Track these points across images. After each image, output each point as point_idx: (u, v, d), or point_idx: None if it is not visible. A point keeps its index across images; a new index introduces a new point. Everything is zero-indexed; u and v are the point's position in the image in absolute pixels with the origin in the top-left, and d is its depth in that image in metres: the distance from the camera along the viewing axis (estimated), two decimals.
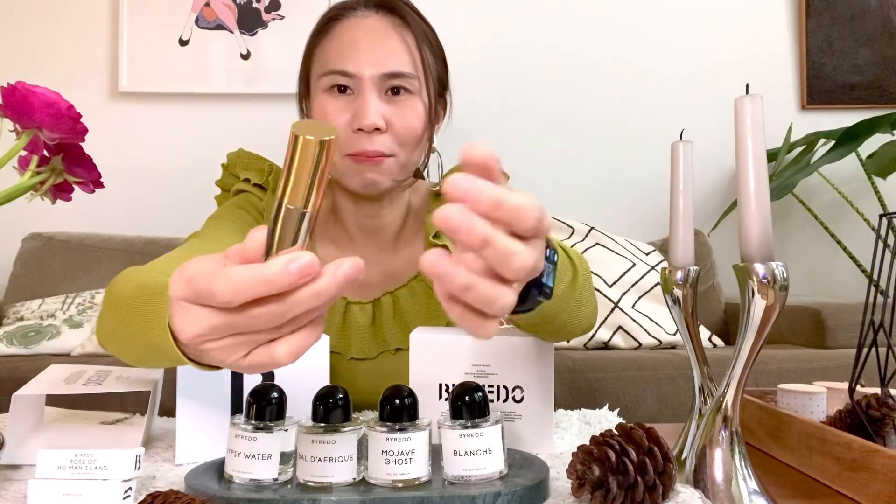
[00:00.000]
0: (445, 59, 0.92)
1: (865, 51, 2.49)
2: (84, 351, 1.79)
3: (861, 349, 0.63)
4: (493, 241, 0.38)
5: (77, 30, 2.41)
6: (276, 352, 0.41)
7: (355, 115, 0.82)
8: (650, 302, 1.99)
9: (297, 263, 0.37)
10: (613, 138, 2.49)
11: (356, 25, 0.85)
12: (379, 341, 0.91)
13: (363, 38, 0.84)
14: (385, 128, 0.83)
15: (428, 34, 0.89)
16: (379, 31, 0.85)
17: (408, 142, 0.85)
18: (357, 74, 0.82)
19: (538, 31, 2.50)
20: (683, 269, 0.68)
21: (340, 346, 0.90)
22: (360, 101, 0.82)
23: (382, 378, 0.89)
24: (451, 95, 0.95)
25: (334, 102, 0.84)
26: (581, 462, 0.53)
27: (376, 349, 0.91)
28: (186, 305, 0.40)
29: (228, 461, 0.56)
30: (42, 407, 0.77)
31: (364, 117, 0.81)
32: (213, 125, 2.42)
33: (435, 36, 0.90)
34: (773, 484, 0.64)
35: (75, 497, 0.51)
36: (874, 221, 2.30)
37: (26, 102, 0.59)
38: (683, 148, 0.68)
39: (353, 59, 0.83)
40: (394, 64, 0.83)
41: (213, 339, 0.40)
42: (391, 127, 0.83)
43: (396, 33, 0.85)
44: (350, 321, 0.91)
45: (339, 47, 0.84)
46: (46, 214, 2.21)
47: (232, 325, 0.39)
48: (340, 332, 0.91)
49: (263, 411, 0.56)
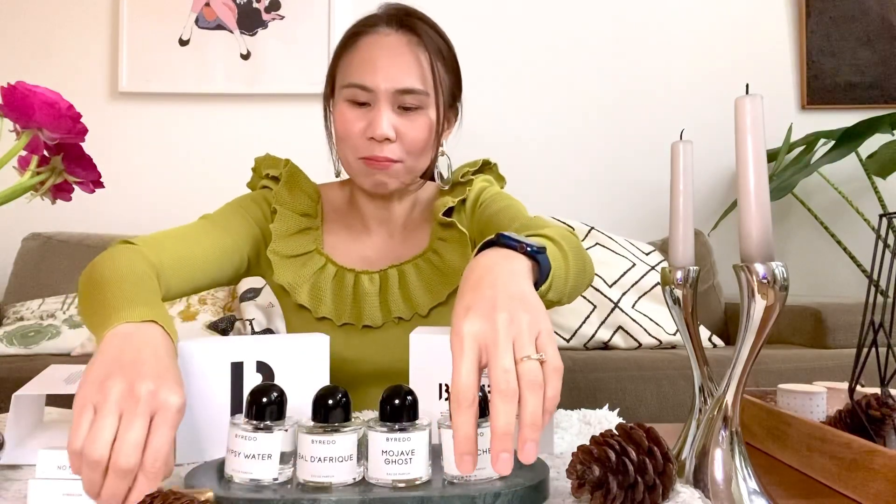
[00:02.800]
0: (459, 71, 1.00)
1: (865, 51, 2.50)
2: (84, 351, 1.79)
3: (861, 349, 0.63)
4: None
5: (77, 30, 2.42)
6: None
7: (370, 124, 0.91)
8: (650, 302, 1.99)
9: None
10: (614, 138, 2.50)
11: (376, 43, 0.93)
12: (385, 310, 0.97)
13: (381, 56, 0.92)
14: (395, 138, 0.92)
15: (442, 50, 0.97)
16: (396, 48, 0.93)
17: (415, 150, 0.94)
18: (374, 89, 0.91)
19: (538, 30, 2.51)
20: (683, 269, 0.68)
21: (354, 316, 0.97)
22: (374, 113, 0.92)
23: (387, 348, 0.96)
24: (461, 104, 1.03)
25: (353, 112, 0.93)
26: (581, 462, 0.53)
27: (382, 318, 0.97)
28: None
29: (228, 461, 0.56)
30: (42, 407, 0.77)
31: (376, 128, 0.90)
32: (213, 125, 2.42)
33: (450, 51, 0.98)
34: (773, 484, 0.64)
35: (75, 497, 0.51)
36: (874, 221, 2.31)
37: (26, 102, 0.59)
38: (683, 148, 0.68)
39: (371, 74, 0.91)
40: (407, 81, 0.91)
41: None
42: (401, 137, 0.92)
43: (411, 51, 0.93)
44: (360, 290, 0.98)
45: (361, 63, 0.93)
46: (46, 214, 2.21)
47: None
48: (353, 302, 0.98)
49: (263, 411, 0.56)
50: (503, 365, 0.48)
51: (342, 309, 0.96)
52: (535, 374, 0.48)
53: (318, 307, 0.96)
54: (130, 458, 0.50)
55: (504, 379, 0.47)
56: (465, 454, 0.46)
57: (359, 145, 0.93)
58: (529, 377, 0.47)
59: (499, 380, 0.47)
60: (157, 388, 0.53)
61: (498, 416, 0.46)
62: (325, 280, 0.98)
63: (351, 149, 0.93)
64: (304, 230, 1.00)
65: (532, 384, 0.47)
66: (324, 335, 0.72)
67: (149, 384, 0.53)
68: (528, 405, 0.47)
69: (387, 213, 1.02)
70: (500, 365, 0.48)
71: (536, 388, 0.47)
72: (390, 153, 0.92)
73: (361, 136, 0.92)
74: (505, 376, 0.47)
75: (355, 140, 0.92)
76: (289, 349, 0.69)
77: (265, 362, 0.68)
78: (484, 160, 1.07)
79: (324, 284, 0.98)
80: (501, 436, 0.46)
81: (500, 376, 0.47)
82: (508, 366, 0.48)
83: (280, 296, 1.01)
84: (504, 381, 0.47)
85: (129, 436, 0.50)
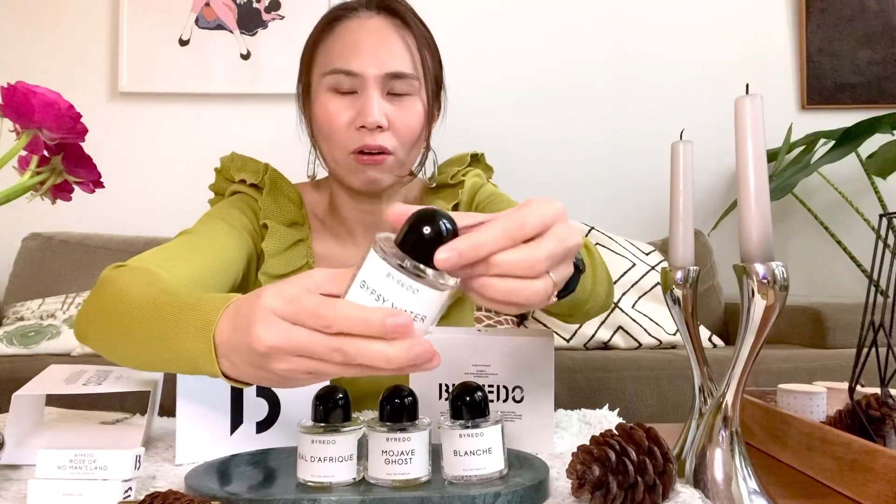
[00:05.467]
0: (441, 60, 0.94)
1: (865, 51, 2.49)
2: (84, 351, 1.79)
3: (861, 349, 0.63)
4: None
5: (77, 30, 2.41)
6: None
7: (359, 113, 0.84)
8: (650, 302, 1.99)
9: (393, 321, 0.41)
10: (614, 138, 2.49)
11: (359, 26, 0.87)
12: None
13: (366, 39, 0.85)
14: (387, 126, 0.85)
15: (426, 36, 0.90)
16: (381, 31, 0.86)
17: (407, 140, 0.87)
18: (360, 74, 0.84)
19: (538, 30, 2.50)
20: (683, 269, 0.68)
21: None
22: (363, 100, 0.84)
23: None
24: (446, 95, 0.96)
25: (337, 101, 0.86)
26: (581, 462, 0.53)
27: None
28: (275, 319, 0.44)
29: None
30: (42, 407, 0.77)
31: (367, 115, 0.83)
32: (213, 125, 2.42)
33: (432, 37, 0.92)
34: (773, 484, 0.64)
35: (75, 497, 0.51)
36: (874, 221, 2.31)
37: (26, 102, 0.59)
38: (683, 148, 0.68)
39: (357, 58, 0.84)
40: (396, 64, 0.85)
41: (286, 354, 0.44)
42: (392, 126, 0.85)
43: (398, 35, 0.87)
44: None
45: (343, 47, 0.86)
46: (46, 214, 2.21)
47: (309, 349, 0.43)
48: None
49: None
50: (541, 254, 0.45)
51: None
52: (547, 284, 0.46)
53: None
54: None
55: (531, 264, 0.45)
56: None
57: (347, 138, 0.85)
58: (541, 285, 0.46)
59: (524, 260, 0.45)
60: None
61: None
62: None
63: (338, 143, 0.86)
64: (295, 244, 0.93)
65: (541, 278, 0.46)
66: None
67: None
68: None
69: (372, 217, 0.95)
70: (542, 252, 0.46)
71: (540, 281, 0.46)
72: (383, 142, 0.84)
73: (349, 128, 0.85)
74: (534, 263, 0.45)
75: (342, 133, 0.85)
76: None
77: None
78: (472, 154, 1.02)
79: None
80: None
81: (530, 259, 0.45)
82: (542, 257, 0.45)
83: None
84: (530, 264, 0.45)
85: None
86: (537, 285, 0.46)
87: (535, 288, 0.46)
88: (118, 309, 0.62)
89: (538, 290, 0.46)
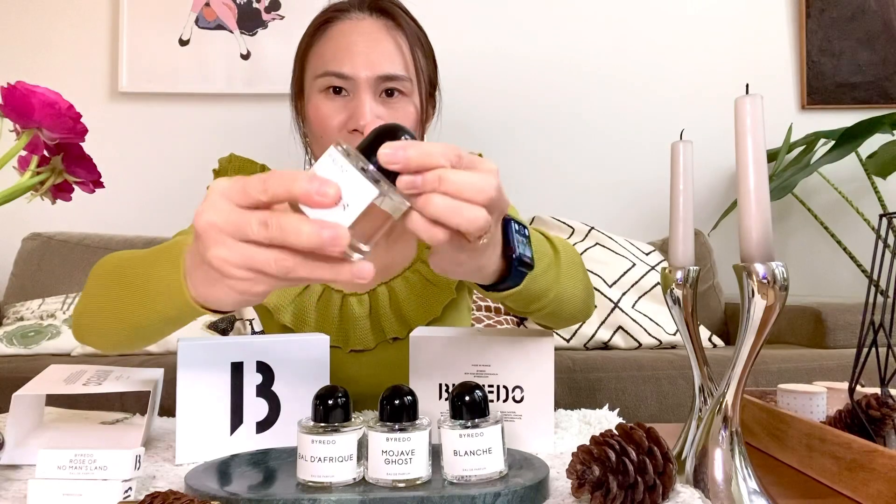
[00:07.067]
0: (435, 59, 0.94)
1: (865, 51, 2.50)
2: (84, 351, 1.79)
3: (861, 349, 0.63)
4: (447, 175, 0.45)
5: (77, 30, 2.42)
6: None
7: (351, 115, 0.84)
8: (650, 302, 1.99)
9: (317, 185, 0.42)
10: (613, 138, 2.50)
11: (351, 28, 0.87)
12: (377, 332, 0.92)
13: (358, 41, 0.85)
14: None
15: (419, 36, 0.90)
16: (373, 33, 0.86)
17: None
18: (353, 76, 0.84)
19: (538, 31, 2.50)
20: (683, 269, 0.68)
21: (339, 340, 0.91)
22: (355, 103, 0.84)
23: (383, 369, 0.90)
24: (440, 95, 0.96)
25: (330, 104, 0.86)
26: (581, 462, 0.53)
27: (374, 340, 0.92)
28: (219, 200, 0.45)
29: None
30: (42, 407, 0.77)
31: (360, 118, 0.83)
32: (213, 125, 2.42)
33: (426, 37, 0.92)
34: (773, 484, 0.64)
35: (75, 497, 0.51)
36: (874, 221, 2.30)
37: (26, 102, 0.59)
38: (683, 148, 0.68)
39: (349, 61, 0.84)
40: (388, 66, 0.85)
41: (220, 233, 0.45)
42: None
43: (390, 36, 0.86)
44: (347, 313, 0.92)
45: (335, 50, 0.86)
46: (46, 214, 2.21)
47: (237, 222, 0.44)
48: (339, 326, 0.91)
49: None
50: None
51: (327, 331, 0.90)
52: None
53: (302, 329, 0.91)
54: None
55: (480, 188, 0.47)
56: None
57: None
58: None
59: (476, 182, 0.47)
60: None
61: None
62: (309, 301, 0.91)
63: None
64: None
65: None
66: (324, 335, 0.72)
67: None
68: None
69: None
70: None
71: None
72: None
73: (342, 130, 0.85)
74: (484, 188, 0.47)
75: (335, 135, 0.85)
76: (289, 349, 0.69)
77: (265, 362, 0.68)
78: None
79: (308, 305, 0.91)
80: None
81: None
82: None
83: (263, 317, 0.96)
84: (480, 188, 0.47)
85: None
86: (479, 212, 0.47)
87: (477, 213, 0.46)
88: (99, 283, 0.68)
89: (478, 216, 0.47)
